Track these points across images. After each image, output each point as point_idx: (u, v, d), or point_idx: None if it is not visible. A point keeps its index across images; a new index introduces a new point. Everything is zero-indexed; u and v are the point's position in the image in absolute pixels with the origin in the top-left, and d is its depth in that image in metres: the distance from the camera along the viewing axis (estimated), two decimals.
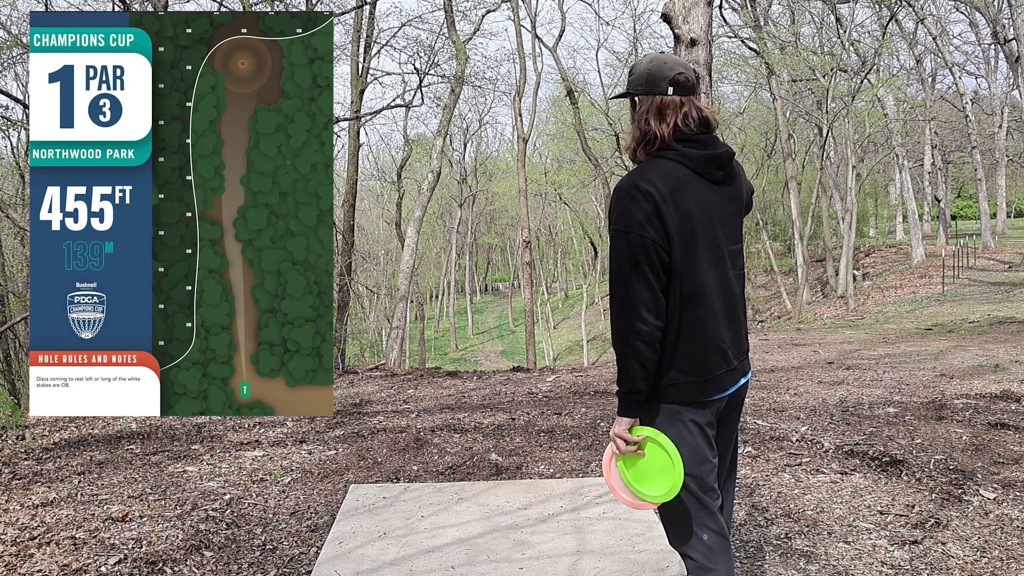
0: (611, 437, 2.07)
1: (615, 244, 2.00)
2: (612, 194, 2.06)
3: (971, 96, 29.51)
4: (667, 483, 2.03)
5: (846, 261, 21.71)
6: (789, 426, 5.03)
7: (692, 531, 2.09)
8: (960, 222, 48.19)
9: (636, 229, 1.97)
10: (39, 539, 3.23)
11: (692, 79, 2.09)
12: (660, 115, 2.06)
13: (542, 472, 4.25)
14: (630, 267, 1.97)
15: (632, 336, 1.96)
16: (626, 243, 1.98)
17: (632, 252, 1.97)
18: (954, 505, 3.49)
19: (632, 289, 1.97)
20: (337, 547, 3.12)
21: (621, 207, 2.00)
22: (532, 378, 8.03)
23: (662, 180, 2.00)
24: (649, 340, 1.97)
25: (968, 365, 7.53)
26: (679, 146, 2.06)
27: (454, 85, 15.73)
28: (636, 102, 2.12)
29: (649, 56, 2.14)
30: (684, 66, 2.10)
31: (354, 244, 17.90)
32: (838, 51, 22.15)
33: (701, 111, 2.08)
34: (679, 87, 2.07)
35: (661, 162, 2.05)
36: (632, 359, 1.97)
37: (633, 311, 1.96)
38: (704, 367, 2.03)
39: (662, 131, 2.05)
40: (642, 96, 2.10)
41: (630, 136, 2.13)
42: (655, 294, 1.97)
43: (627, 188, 2.01)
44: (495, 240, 54.20)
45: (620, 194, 2.02)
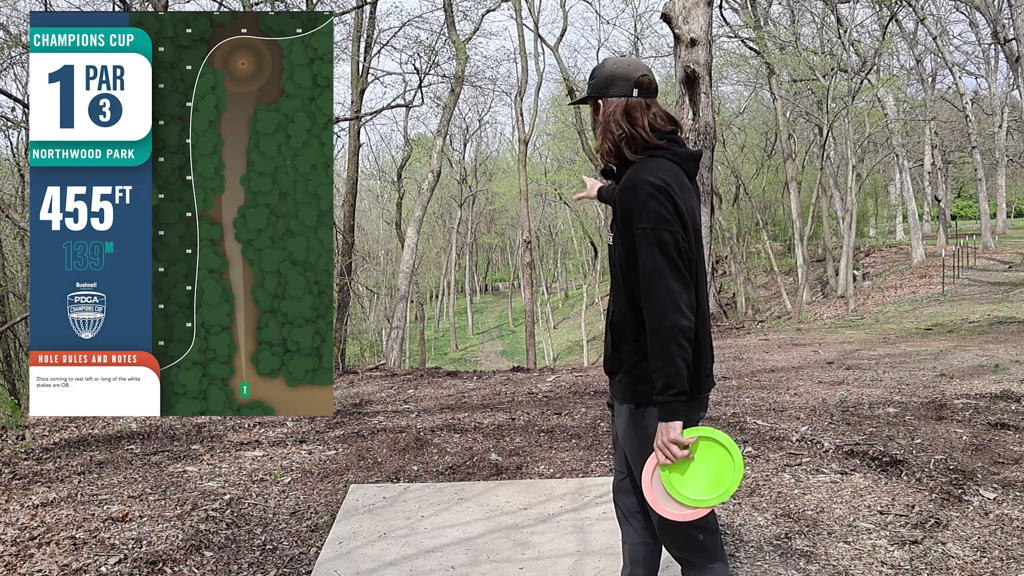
0: (659, 447, 1.97)
1: (646, 244, 1.95)
2: (626, 192, 2.00)
3: (971, 96, 29.52)
4: (725, 481, 1.96)
5: (846, 261, 21.70)
6: (789, 426, 5.03)
7: (688, 534, 2.08)
8: (960, 222, 48.18)
9: (667, 227, 1.95)
10: (39, 539, 3.23)
11: (655, 81, 2.12)
12: (629, 117, 2.07)
13: (542, 472, 4.25)
14: (668, 266, 1.94)
15: (679, 335, 1.92)
16: (660, 242, 1.94)
17: (668, 251, 1.94)
18: (954, 505, 3.49)
19: (673, 288, 1.94)
20: (337, 547, 3.12)
21: (646, 206, 1.96)
22: (532, 378, 8.03)
23: (670, 177, 2.00)
24: (691, 338, 1.95)
25: (968, 365, 7.53)
26: (667, 144, 2.07)
27: (454, 85, 15.73)
28: (600, 105, 2.12)
29: (611, 59, 2.16)
30: (647, 68, 2.12)
31: (354, 244, 17.90)
32: (838, 51, 22.14)
33: (666, 111, 2.11)
34: (643, 89, 2.09)
35: (658, 161, 2.05)
36: (680, 359, 1.93)
37: (678, 310, 1.93)
38: (702, 364, 2.05)
39: (639, 132, 2.06)
40: (606, 99, 2.10)
41: (601, 138, 2.12)
42: (691, 292, 1.97)
43: (646, 187, 1.97)
44: (495, 240, 54.19)
45: (640, 193, 1.97)
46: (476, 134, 39.46)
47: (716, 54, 21.69)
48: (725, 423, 5.17)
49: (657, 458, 1.99)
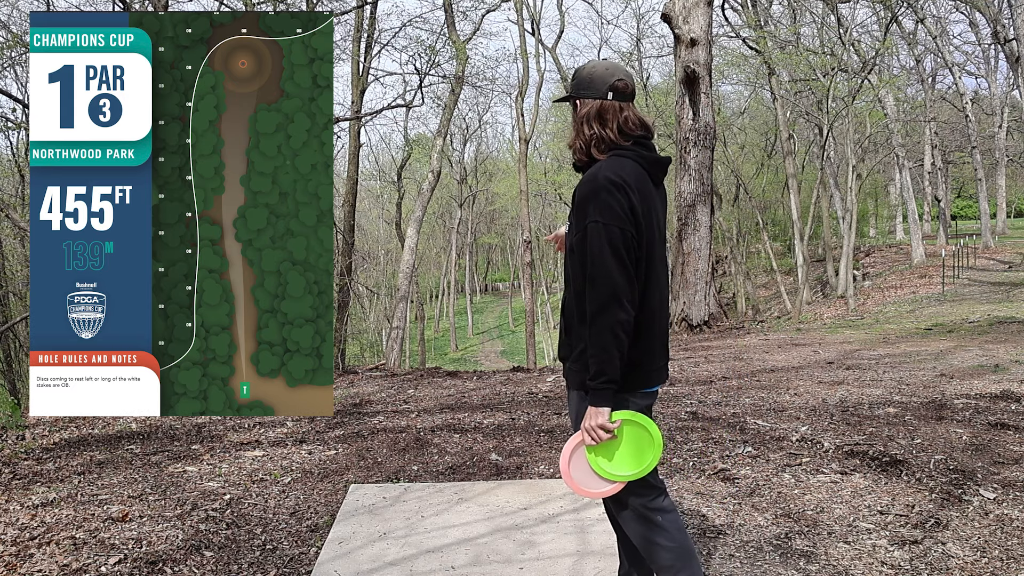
0: (587, 430, 2.09)
1: (596, 236, 2.03)
2: (583, 186, 2.09)
3: (971, 96, 29.51)
4: (647, 456, 2.12)
5: (846, 261, 21.69)
6: (789, 426, 5.03)
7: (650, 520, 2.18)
8: (960, 222, 48.18)
9: (617, 222, 2.03)
10: (39, 539, 3.23)
11: (632, 86, 2.21)
12: (600, 118, 2.16)
13: (542, 472, 4.25)
14: (614, 259, 2.02)
15: (617, 327, 2.01)
16: (608, 235, 2.02)
17: (615, 244, 2.02)
18: (954, 505, 3.49)
19: (616, 281, 2.02)
20: (337, 547, 3.12)
21: (598, 200, 2.04)
22: (532, 378, 8.03)
23: (630, 176, 2.08)
24: (629, 331, 2.04)
25: (968, 365, 7.53)
26: (633, 146, 2.16)
27: (454, 85, 15.74)
28: (577, 104, 2.21)
29: (592, 62, 2.25)
30: (625, 73, 2.21)
31: (354, 244, 17.90)
32: (838, 51, 22.14)
33: (640, 117, 2.20)
34: (618, 93, 2.17)
35: (623, 160, 2.13)
36: (615, 349, 2.02)
37: (617, 302, 2.02)
38: (651, 357, 2.15)
39: (607, 134, 2.14)
40: (582, 100, 2.19)
41: (574, 136, 2.21)
42: (634, 286, 2.06)
43: (603, 182, 2.05)
44: (495, 240, 54.19)
45: (595, 187, 2.05)
46: (476, 134, 39.53)
47: (716, 54, 21.68)
48: (725, 423, 5.18)
49: (584, 439, 2.11)
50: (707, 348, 10.32)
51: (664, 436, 4.91)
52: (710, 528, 3.35)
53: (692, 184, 12.62)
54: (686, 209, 12.62)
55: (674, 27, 12.45)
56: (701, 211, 12.65)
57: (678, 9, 12.39)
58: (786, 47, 22.74)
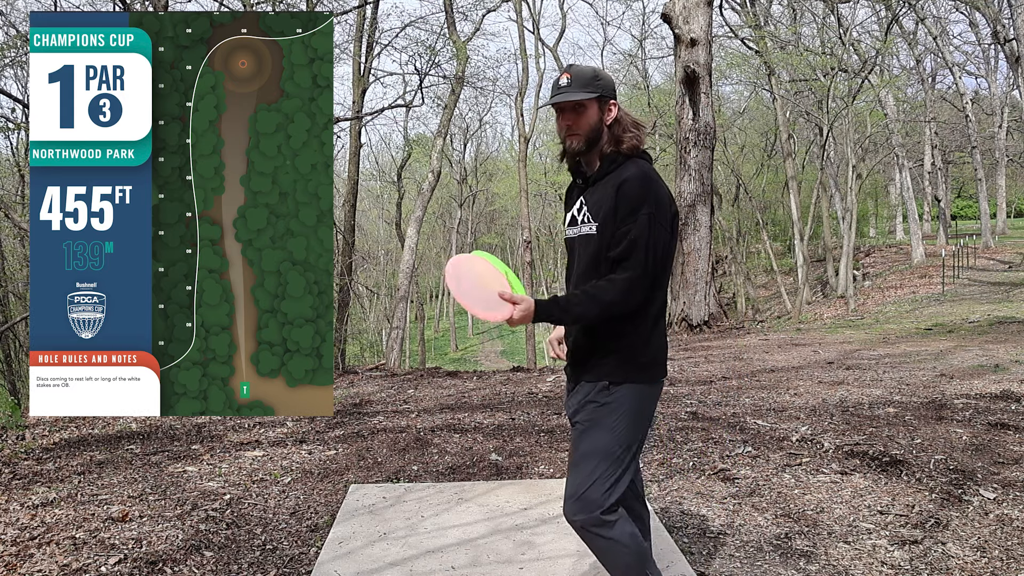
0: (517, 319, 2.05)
1: (647, 226, 2.05)
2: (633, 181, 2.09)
3: (971, 96, 29.52)
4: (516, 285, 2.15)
5: (846, 261, 21.70)
6: (789, 426, 5.03)
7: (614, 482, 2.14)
8: (960, 222, 48.18)
9: (665, 222, 2.10)
10: (39, 539, 3.23)
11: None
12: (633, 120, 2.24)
13: (543, 472, 4.25)
14: (661, 250, 2.08)
15: (623, 307, 2.06)
16: (659, 228, 2.07)
17: (662, 238, 2.08)
18: (954, 505, 3.49)
19: (651, 272, 2.07)
20: (337, 547, 3.12)
21: (654, 193, 2.08)
22: (532, 378, 8.02)
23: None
24: (617, 316, 2.09)
25: (968, 365, 7.53)
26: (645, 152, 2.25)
27: (454, 85, 15.74)
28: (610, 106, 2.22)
29: (589, 66, 2.29)
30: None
31: (354, 244, 17.91)
32: (839, 51, 22.14)
33: None
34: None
35: (645, 163, 2.19)
36: (601, 318, 2.07)
37: (641, 291, 2.07)
38: (665, 351, 2.23)
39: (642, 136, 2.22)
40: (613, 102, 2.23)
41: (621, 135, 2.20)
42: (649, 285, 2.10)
43: (655, 177, 2.12)
44: (495, 240, 54.17)
45: (647, 181, 2.10)
46: (476, 134, 39.50)
47: (716, 54, 21.68)
48: (725, 423, 5.18)
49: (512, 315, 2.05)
50: (707, 348, 10.32)
51: (664, 436, 4.91)
52: (710, 528, 3.35)
53: (692, 184, 12.62)
54: (686, 209, 12.62)
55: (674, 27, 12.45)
56: (701, 211, 12.65)
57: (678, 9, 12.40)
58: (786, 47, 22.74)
